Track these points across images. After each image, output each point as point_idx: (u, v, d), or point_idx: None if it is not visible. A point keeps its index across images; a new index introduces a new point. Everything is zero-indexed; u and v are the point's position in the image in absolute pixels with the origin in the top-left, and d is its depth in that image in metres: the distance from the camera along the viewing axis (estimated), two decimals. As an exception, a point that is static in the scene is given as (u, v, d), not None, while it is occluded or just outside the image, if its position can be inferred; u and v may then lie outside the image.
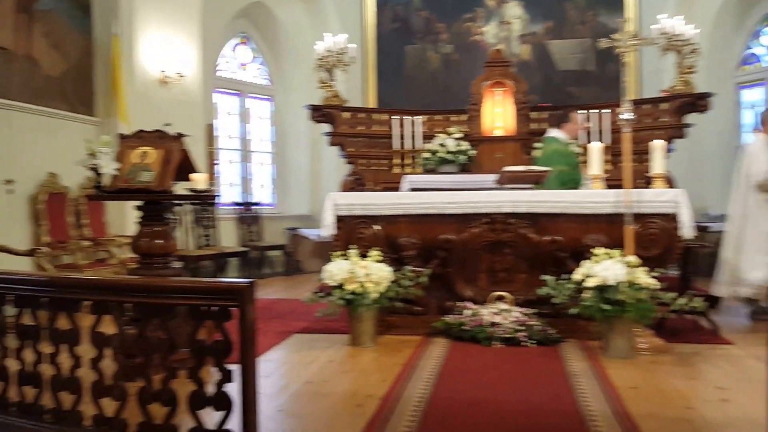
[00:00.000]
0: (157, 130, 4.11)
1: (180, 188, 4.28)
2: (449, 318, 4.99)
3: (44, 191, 6.75)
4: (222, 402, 2.46)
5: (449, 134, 8.23)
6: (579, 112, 6.73)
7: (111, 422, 2.66)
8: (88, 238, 7.09)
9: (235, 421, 2.42)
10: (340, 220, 5.23)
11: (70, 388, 2.76)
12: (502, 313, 4.85)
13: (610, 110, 7.81)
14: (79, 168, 4.10)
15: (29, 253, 5.90)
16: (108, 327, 2.68)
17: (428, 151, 8.15)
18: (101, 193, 4.05)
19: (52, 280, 2.99)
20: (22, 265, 5.81)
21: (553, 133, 6.30)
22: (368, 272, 4.70)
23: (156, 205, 4.06)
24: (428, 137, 8.32)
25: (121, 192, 4.00)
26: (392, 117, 8.44)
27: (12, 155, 6.44)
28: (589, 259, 4.45)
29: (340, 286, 4.70)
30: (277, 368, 4.38)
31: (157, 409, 2.58)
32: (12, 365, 2.93)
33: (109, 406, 2.69)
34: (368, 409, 3.37)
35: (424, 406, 3.41)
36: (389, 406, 3.41)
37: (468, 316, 4.91)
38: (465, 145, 8.11)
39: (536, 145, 7.77)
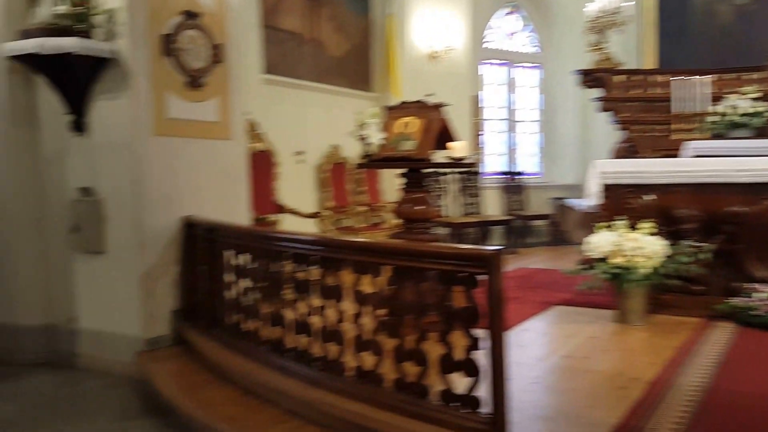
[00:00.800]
0: (418, 101, 4.22)
1: (441, 157, 4.36)
2: (736, 300, 4.38)
3: (328, 161, 7.48)
4: (470, 368, 2.45)
5: (743, 94, 7.17)
6: None
7: (369, 375, 2.83)
8: (365, 203, 7.71)
9: (485, 389, 2.39)
10: (607, 189, 4.88)
11: (335, 340, 2.99)
12: (805, 299, 4.12)
13: None
14: (357, 141, 4.40)
15: (313, 216, 6.60)
16: (368, 286, 2.83)
17: (716, 114, 7.20)
18: (369, 161, 4.30)
19: (321, 240, 3.26)
20: (309, 227, 6.51)
21: None
22: (638, 245, 4.32)
23: (416, 173, 4.18)
24: (716, 99, 7.36)
25: (385, 160, 4.21)
26: (672, 78, 7.63)
27: (303, 129, 7.21)
28: None
29: (603, 259, 4.40)
30: (534, 339, 4.27)
31: (410, 367, 2.67)
32: (289, 315, 3.27)
33: (367, 360, 2.85)
34: (633, 392, 3.10)
35: (701, 396, 3.03)
36: (658, 391, 3.10)
37: (761, 299, 4.26)
38: (763, 107, 6.99)
39: None
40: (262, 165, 6.24)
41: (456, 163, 4.21)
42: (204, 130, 4.56)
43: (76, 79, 4.08)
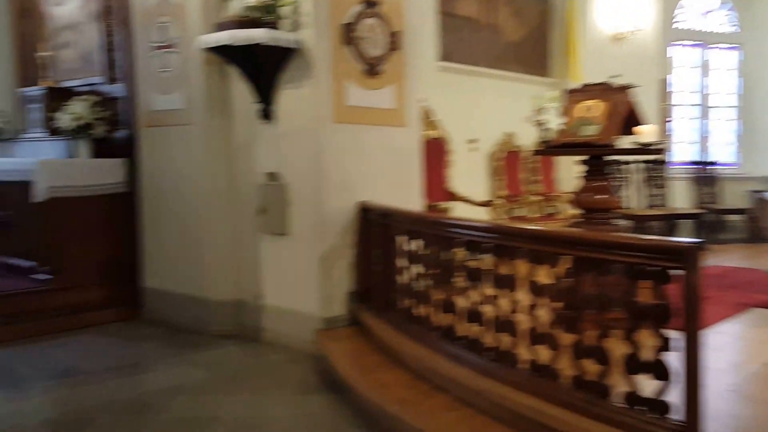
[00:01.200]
0: (602, 83, 3.95)
1: (627, 142, 4.07)
2: None
3: (502, 149, 7.34)
4: (660, 370, 2.24)
5: None
6: None
7: (545, 370, 2.70)
8: (539, 193, 7.47)
9: (675, 394, 2.18)
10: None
11: (508, 331, 2.90)
12: None
13: None
14: (534, 128, 4.24)
15: (485, 204, 6.51)
16: (544, 276, 2.71)
17: None
18: (547, 148, 4.12)
19: (495, 227, 3.16)
20: (480, 216, 6.42)
21: None
22: None
23: (598, 160, 3.94)
24: None
25: (565, 146, 4.00)
26: None
27: (476, 116, 7.11)
28: None
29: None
30: (730, 343, 3.86)
31: (590, 365, 2.51)
32: (460, 303, 3.23)
33: (543, 353, 2.73)
34: None
35: None
36: None
37: None
38: None
39: None
40: (436, 152, 6.24)
41: (643, 149, 3.90)
42: (380, 117, 4.64)
43: (265, 69, 4.32)
